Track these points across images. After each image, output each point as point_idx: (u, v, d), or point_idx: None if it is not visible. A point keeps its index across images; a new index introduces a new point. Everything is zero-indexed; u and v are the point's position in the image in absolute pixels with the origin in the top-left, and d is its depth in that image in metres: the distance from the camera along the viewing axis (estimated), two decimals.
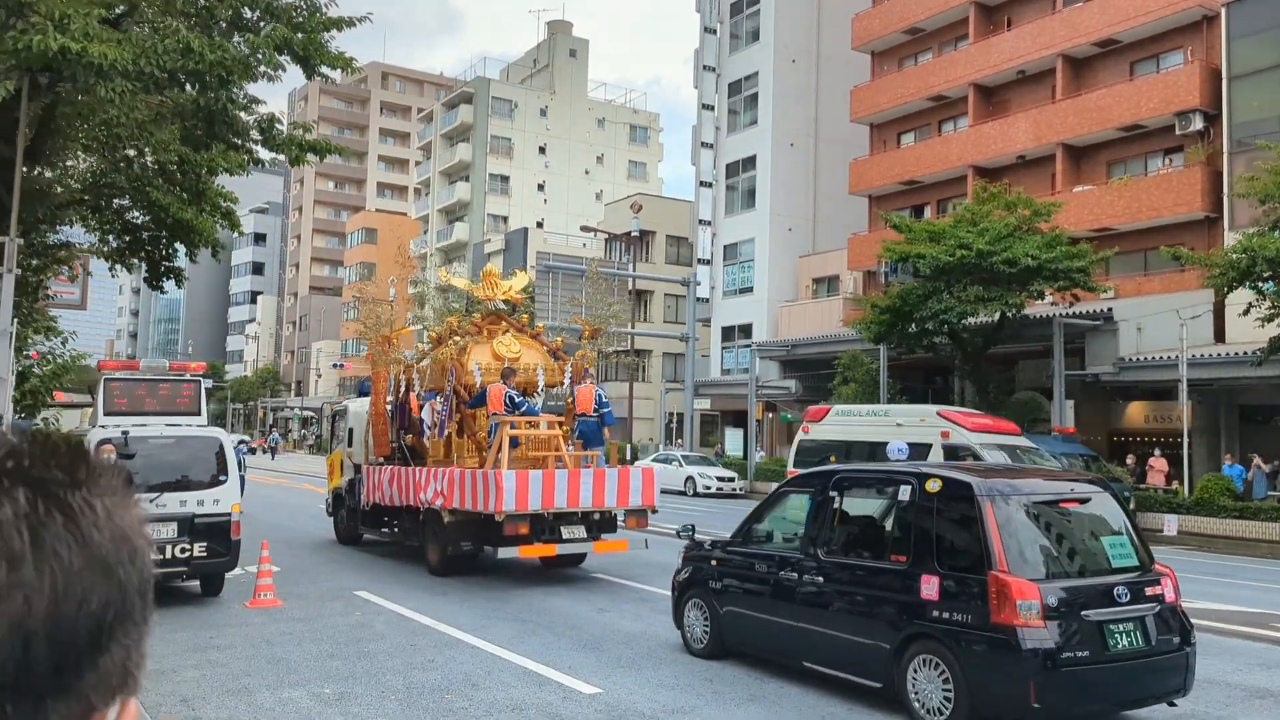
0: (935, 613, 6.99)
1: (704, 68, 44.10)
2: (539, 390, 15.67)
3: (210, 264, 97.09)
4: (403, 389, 16.23)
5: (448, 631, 10.58)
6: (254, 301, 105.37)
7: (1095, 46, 32.26)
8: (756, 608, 8.62)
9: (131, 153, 16.47)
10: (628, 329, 40.16)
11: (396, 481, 15.35)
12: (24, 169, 12.10)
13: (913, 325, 27.02)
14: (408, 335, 20.60)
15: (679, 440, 42.99)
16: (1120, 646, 6.75)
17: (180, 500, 12.18)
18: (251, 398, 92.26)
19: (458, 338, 15.95)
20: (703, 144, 44.04)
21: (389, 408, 16.47)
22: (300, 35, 11.75)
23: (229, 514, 12.27)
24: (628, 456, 41.08)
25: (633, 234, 43.85)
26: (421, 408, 15.60)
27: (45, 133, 12.92)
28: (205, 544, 12.14)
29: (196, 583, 12.87)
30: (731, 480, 34.06)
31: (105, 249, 19.58)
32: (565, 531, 13.78)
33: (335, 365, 71.87)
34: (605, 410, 14.74)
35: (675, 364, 49.76)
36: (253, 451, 69.16)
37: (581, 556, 15.08)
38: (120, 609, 0.72)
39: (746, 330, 42.62)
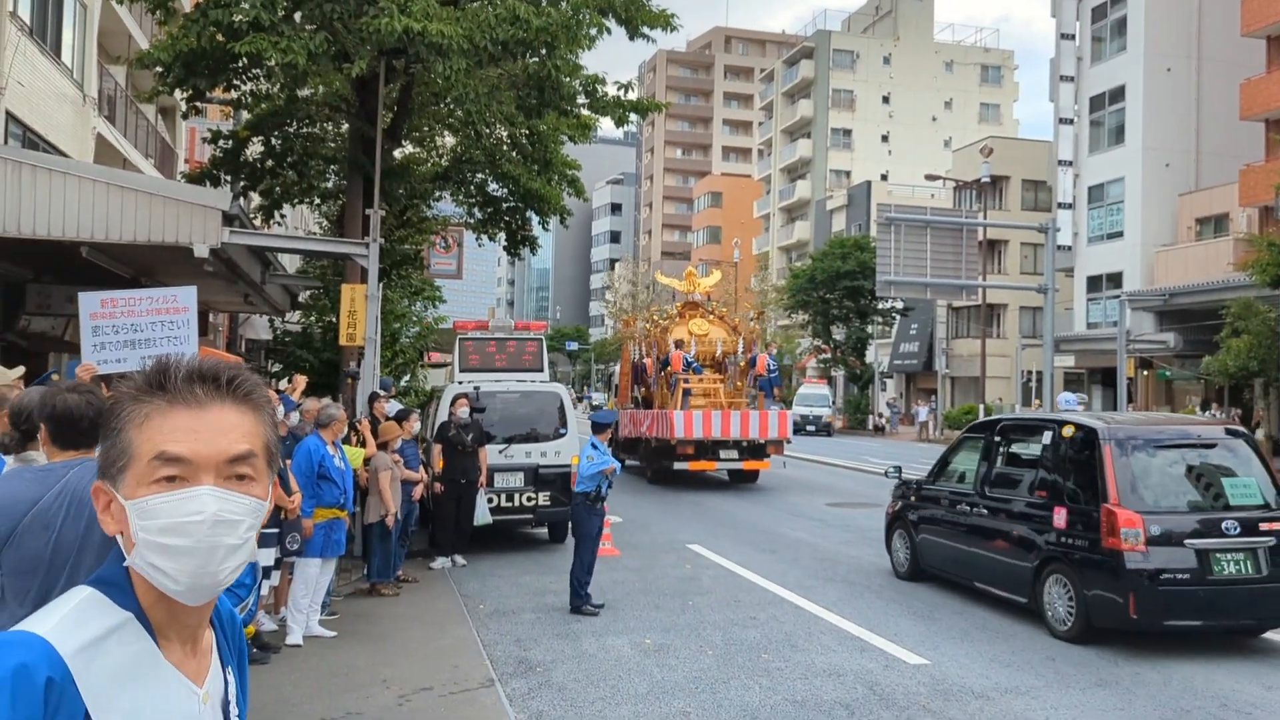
0: (1062, 539, 8.46)
1: None
2: (720, 356, 21.71)
3: (576, 233, 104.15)
4: (638, 355, 22.24)
5: (772, 589, 10.42)
6: (612, 268, 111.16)
7: None
8: (942, 535, 10.29)
9: (486, 129, 17.56)
10: (977, 281, 37.85)
11: (632, 421, 21.57)
12: (386, 147, 13.23)
13: None
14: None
15: (1037, 401, 40.13)
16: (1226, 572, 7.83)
17: (526, 452, 12.94)
18: (612, 359, 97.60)
19: (661, 321, 22.53)
20: (1062, 77, 40.39)
21: (631, 369, 22.39)
22: None
23: (569, 465, 12.84)
24: (980, 416, 39.22)
25: (983, 180, 41.21)
26: (658, 369, 21.22)
27: (403, 113, 14.05)
28: (549, 493, 12.85)
29: (545, 530, 13.66)
30: None
31: (472, 221, 21.15)
32: (723, 454, 19.53)
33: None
34: (773, 374, 21.27)
35: (1033, 318, 46.36)
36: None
37: (754, 475, 20.69)
38: None
39: (1115, 279, 38.79)
